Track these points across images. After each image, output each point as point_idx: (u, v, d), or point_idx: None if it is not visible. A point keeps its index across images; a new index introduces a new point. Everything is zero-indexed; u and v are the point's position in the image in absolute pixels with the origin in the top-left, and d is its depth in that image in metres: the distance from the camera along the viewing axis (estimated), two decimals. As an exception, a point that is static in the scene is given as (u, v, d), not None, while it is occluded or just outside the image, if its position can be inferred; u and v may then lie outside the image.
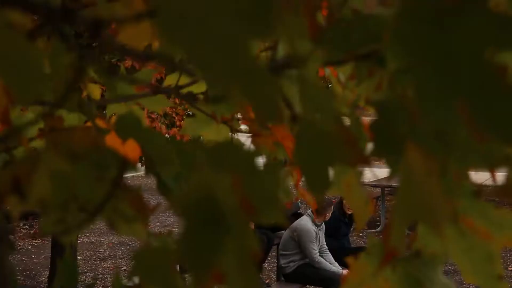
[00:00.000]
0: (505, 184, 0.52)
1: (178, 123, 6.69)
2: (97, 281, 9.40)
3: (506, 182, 0.52)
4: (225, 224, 0.49)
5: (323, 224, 7.89)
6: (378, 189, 13.33)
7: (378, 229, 12.33)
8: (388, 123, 0.55)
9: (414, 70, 0.52)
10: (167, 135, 6.61)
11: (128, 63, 7.26)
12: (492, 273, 0.73)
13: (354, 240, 11.13)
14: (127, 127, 0.71)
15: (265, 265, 9.76)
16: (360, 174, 0.78)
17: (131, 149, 0.82)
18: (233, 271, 0.49)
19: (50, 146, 0.55)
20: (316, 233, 7.71)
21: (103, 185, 0.59)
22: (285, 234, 7.90)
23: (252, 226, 6.93)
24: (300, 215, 8.40)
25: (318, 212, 7.76)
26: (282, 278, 8.08)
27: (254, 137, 1.41)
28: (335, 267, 7.66)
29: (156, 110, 1.36)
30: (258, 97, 0.40)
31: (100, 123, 0.85)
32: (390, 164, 0.62)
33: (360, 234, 12.11)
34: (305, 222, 7.79)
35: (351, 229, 8.85)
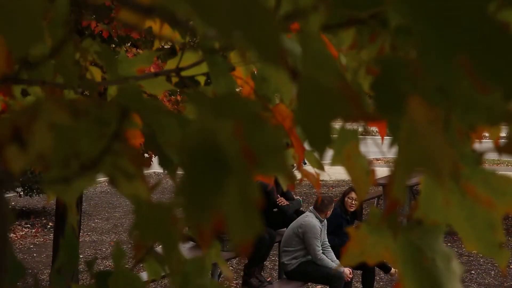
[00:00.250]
0: (506, 141, 0.52)
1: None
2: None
3: (507, 138, 0.52)
4: (226, 166, 0.49)
5: (325, 221, 7.89)
6: (380, 188, 13.32)
7: (380, 227, 12.32)
8: (389, 81, 0.55)
9: (416, 26, 0.52)
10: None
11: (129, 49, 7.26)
12: (493, 240, 0.73)
13: (356, 238, 11.13)
14: (128, 98, 0.71)
15: (267, 263, 9.75)
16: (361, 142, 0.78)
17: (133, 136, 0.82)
18: (234, 215, 0.49)
19: (51, 98, 0.55)
20: (320, 230, 7.71)
21: (105, 142, 0.59)
22: (287, 230, 7.90)
23: None
24: (302, 212, 8.40)
25: (319, 209, 7.76)
26: (284, 276, 8.08)
27: (256, 120, 1.41)
28: (337, 265, 7.66)
29: (156, 93, 1.36)
30: (259, 38, 0.40)
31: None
32: (390, 127, 0.61)
33: (362, 233, 12.10)
34: (310, 218, 7.79)
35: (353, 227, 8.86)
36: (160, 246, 0.64)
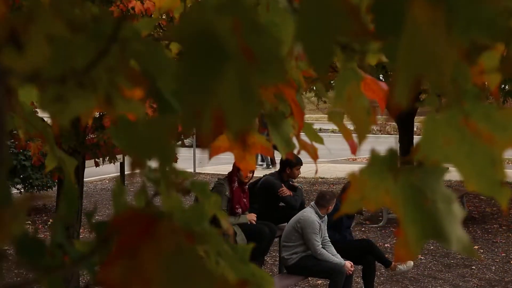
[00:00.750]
0: (506, 57, 0.51)
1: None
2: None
3: (506, 54, 0.52)
4: (225, 53, 0.48)
5: (326, 216, 7.88)
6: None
7: (381, 224, 12.33)
8: (388, 2, 0.55)
9: None
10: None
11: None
12: (494, 178, 0.72)
13: (356, 234, 11.13)
14: (129, 35, 0.70)
15: (267, 258, 9.74)
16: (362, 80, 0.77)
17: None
18: (233, 104, 0.48)
19: (48, 7, 0.54)
20: (320, 225, 7.70)
21: (104, 59, 0.58)
22: (288, 225, 7.89)
23: (254, 218, 6.84)
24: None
25: (321, 205, 7.75)
26: (285, 271, 8.07)
27: (256, 87, 1.41)
28: (337, 258, 7.65)
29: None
30: None
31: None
32: (388, 51, 0.61)
33: (363, 229, 12.10)
34: (309, 213, 7.79)
35: (353, 222, 8.84)
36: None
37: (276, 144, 1.37)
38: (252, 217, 7.96)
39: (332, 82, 16.60)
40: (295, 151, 1.43)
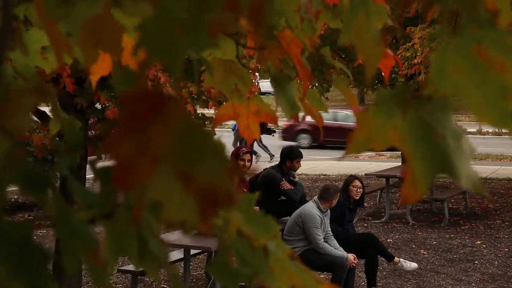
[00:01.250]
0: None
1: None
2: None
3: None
4: None
5: (328, 210, 7.87)
6: (383, 181, 13.31)
7: (383, 219, 12.31)
8: None
9: None
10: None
11: None
12: (506, 109, 0.70)
13: (359, 230, 11.12)
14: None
15: (270, 253, 9.74)
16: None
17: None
18: None
19: None
20: (321, 219, 7.68)
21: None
22: (290, 219, 7.88)
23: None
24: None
25: (324, 198, 7.73)
26: (287, 264, 8.06)
27: (260, 51, 1.40)
28: (340, 251, 7.64)
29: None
30: None
31: None
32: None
33: (365, 225, 12.09)
34: (310, 208, 7.77)
35: (356, 217, 8.83)
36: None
37: (281, 107, 1.36)
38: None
39: (332, 79, 16.37)
40: (301, 117, 1.42)
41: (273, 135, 21.92)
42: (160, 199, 0.55)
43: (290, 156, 8.86)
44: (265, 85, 59.00)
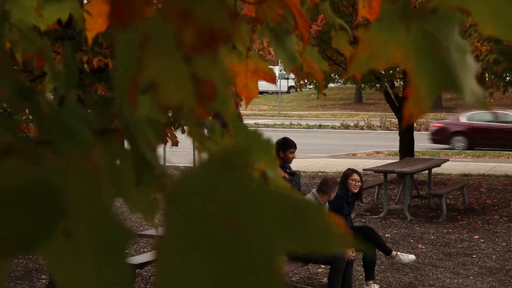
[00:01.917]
0: None
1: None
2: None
3: None
4: None
5: (327, 204, 7.86)
6: (381, 176, 13.30)
7: (381, 215, 12.31)
8: None
9: None
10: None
11: None
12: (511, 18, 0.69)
13: (357, 225, 11.10)
14: None
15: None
16: None
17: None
18: None
19: None
20: (319, 211, 7.68)
21: None
22: (287, 212, 7.88)
23: None
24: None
25: (323, 191, 7.72)
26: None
27: (259, 4, 1.38)
28: (338, 244, 7.63)
29: None
30: None
31: None
32: None
33: (363, 220, 12.08)
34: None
35: (353, 210, 8.81)
36: None
37: (281, 60, 1.34)
38: None
39: (332, 75, 16.38)
40: (300, 71, 1.40)
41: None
42: (156, 80, 0.54)
43: (283, 147, 8.71)
44: (262, 84, 59.11)
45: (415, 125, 19.00)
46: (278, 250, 0.41)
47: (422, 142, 21.69)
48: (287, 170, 8.77)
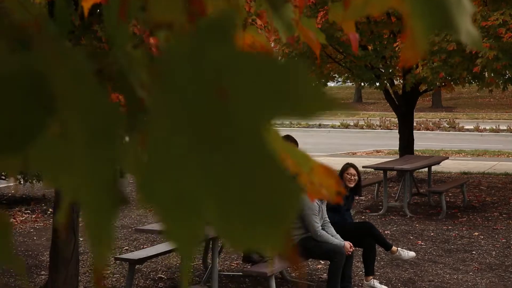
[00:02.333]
0: None
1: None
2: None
3: None
4: None
5: (326, 198, 7.85)
6: (381, 174, 13.30)
7: (381, 212, 12.31)
8: None
9: None
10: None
11: None
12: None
13: (356, 221, 11.10)
14: None
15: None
16: None
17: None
18: None
19: None
20: (319, 206, 7.66)
21: None
22: (287, 207, 7.85)
23: None
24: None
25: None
26: (284, 252, 8.02)
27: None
28: (337, 239, 7.61)
29: None
30: None
31: None
32: None
33: (363, 217, 12.07)
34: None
35: (352, 205, 8.79)
36: None
37: (277, 28, 1.34)
38: None
39: (331, 73, 16.34)
40: (296, 38, 1.39)
41: None
42: (148, -2, 0.53)
43: None
44: (263, 84, 59.14)
45: (415, 124, 18.94)
46: (267, 117, 0.41)
47: (421, 141, 21.67)
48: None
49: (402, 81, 14.94)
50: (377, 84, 15.26)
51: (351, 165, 8.61)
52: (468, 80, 13.27)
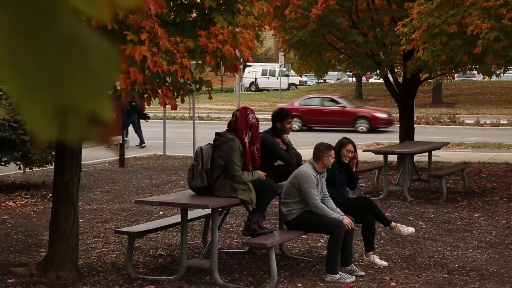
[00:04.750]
0: None
1: (179, 60, 6.62)
2: (99, 239, 9.34)
3: None
4: None
5: (325, 172, 7.81)
6: (381, 159, 13.26)
7: (381, 196, 12.28)
8: None
9: None
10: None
11: None
12: None
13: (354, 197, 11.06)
14: None
15: (268, 224, 9.69)
16: None
17: None
18: None
19: None
20: (317, 180, 7.61)
21: None
22: (286, 181, 7.82)
23: (263, 175, 6.40)
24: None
25: (316, 156, 7.67)
26: (285, 226, 8.00)
27: None
28: (336, 213, 7.57)
29: None
30: None
31: None
32: None
33: (363, 201, 12.03)
34: (306, 168, 7.72)
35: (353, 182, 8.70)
36: None
37: None
38: (263, 174, 7.72)
39: (332, 61, 16.16)
40: None
41: (147, 121, 21.44)
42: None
43: (279, 118, 8.58)
44: (263, 81, 58.90)
45: (415, 118, 18.87)
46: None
47: (422, 135, 21.60)
48: (283, 139, 8.57)
49: (403, 68, 14.90)
50: (378, 71, 15.23)
51: (350, 141, 8.52)
52: (469, 64, 13.19)
